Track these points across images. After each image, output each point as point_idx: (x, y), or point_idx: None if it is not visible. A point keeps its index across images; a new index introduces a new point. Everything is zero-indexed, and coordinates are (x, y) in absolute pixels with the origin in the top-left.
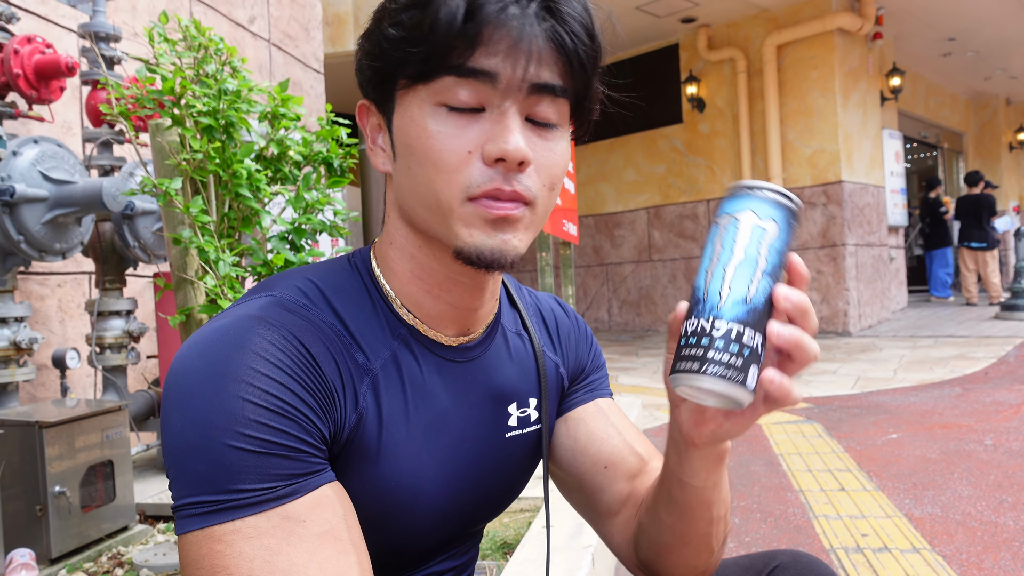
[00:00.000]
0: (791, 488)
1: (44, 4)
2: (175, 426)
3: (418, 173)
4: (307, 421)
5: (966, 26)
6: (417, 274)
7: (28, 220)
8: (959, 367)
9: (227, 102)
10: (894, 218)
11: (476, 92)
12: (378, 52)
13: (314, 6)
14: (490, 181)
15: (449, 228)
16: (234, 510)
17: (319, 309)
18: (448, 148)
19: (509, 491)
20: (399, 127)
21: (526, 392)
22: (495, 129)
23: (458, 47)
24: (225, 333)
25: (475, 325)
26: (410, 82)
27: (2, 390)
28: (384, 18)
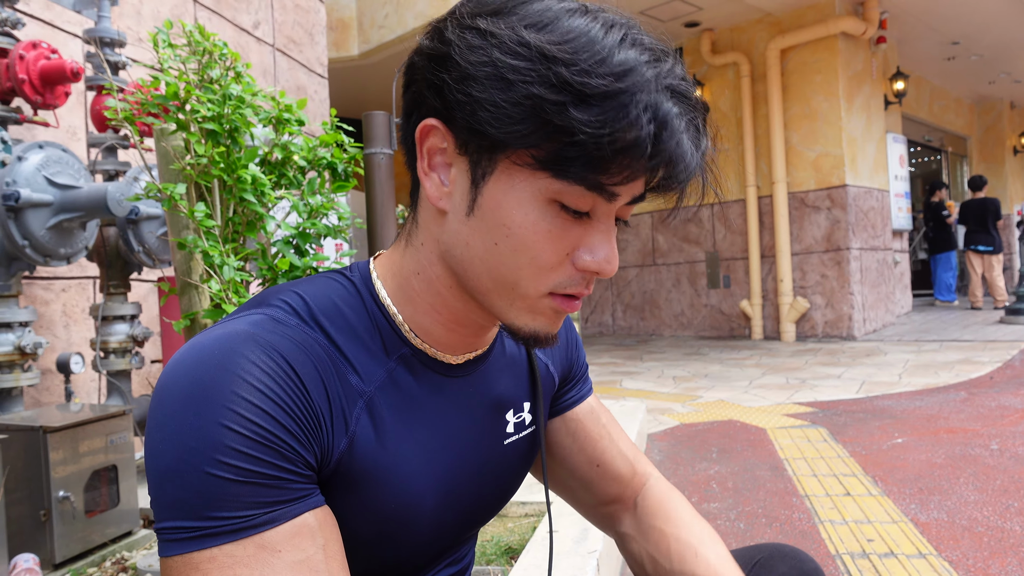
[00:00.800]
0: (796, 493)
1: (49, 10)
2: (156, 448)
3: (506, 255)
4: (288, 449)
5: (970, 30)
6: (437, 309)
7: (33, 225)
8: (964, 371)
9: (231, 107)
10: (898, 222)
11: (593, 201)
12: (516, 117)
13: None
14: (575, 285)
15: (513, 309)
16: (211, 537)
17: (312, 329)
18: (550, 248)
19: (506, 494)
20: (496, 198)
21: (521, 397)
22: (595, 239)
23: (614, 171)
24: (211, 353)
25: (482, 344)
26: (536, 165)
27: (7, 395)
28: (537, 83)
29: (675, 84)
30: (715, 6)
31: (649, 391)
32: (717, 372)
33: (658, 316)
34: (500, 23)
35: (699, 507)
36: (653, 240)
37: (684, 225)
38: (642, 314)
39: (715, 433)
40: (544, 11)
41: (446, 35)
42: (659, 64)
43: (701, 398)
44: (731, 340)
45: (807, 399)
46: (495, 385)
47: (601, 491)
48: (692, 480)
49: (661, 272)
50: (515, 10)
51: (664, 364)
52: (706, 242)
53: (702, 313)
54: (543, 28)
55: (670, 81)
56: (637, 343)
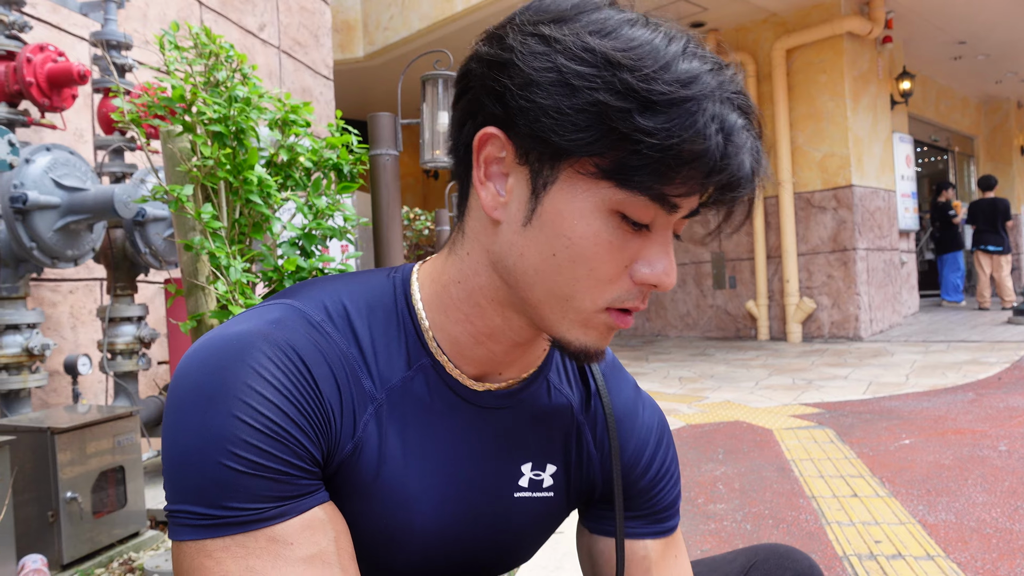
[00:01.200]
0: (803, 494)
1: (56, 13)
2: (171, 434)
3: (564, 267)
4: (298, 444)
5: (977, 29)
6: (472, 319)
7: (40, 227)
8: (972, 372)
9: (238, 109)
10: (905, 222)
11: (655, 213)
12: (581, 124)
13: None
14: (632, 299)
15: (565, 321)
16: (224, 527)
17: (336, 328)
18: (610, 260)
19: (511, 553)
20: (557, 208)
21: (545, 456)
22: (654, 251)
23: (679, 182)
24: (227, 344)
25: (508, 370)
26: (600, 175)
27: (15, 396)
28: (602, 90)
29: (737, 96)
30: (720, 6)
31: (655, 392)
32: (723, 373)
33: (664, 317)
34: (564, 29)
35: (705, 508)
36: None
37: (689, 226)
38: (648, 314)
39: (721, 434)
40: (606, 20)
41: (507, 41)
42: (721, 73)
43: (707, 399)
44: (737, 341)
45: (814, 400)
46: (519, 429)
47: None
48: (698, 481)
49: None
50: (577, 18)
51: (670, 365)
52: (711, 242)
53: (708, 314)
54: (606, 35)
55: (732, 92)
56: (643, 344)
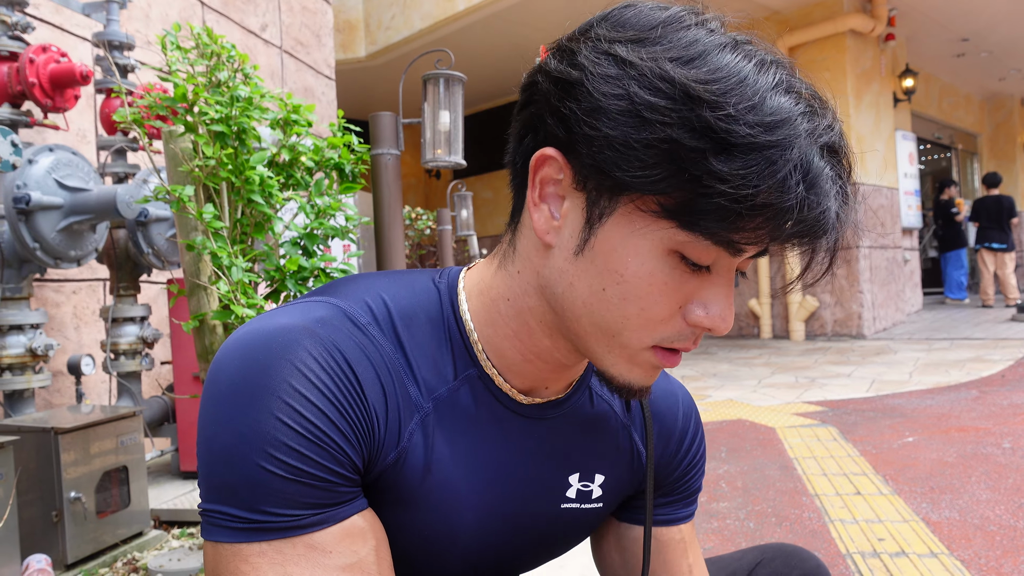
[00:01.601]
0: (806, 492)
1: (59, 14)
2: (208, 428)
3: (614, 304)
4: (339, 451)
5: (980, 26)
6: (521, 338)
7: (43, 227)
8: (975, 370)
9: (239, 109)
10: (908, 220)
11: (716, 255)
12: (648, 161)
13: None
14: (682, 340)
15: (610, 357)
16: (261, 532)
17: (382, 332)
18: (663, 301)
19: (546, 556)
20: (611, 241)
21: (594, 467)
22: (711, 293)
23: (749, 229)
24: (271, 338)
25: (554, 384)
26: (662, 213)
27: (18, 396)
28: (676, 126)
29: (831, 141)
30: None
31: None
32: (726, 371)
33: None
34: (642, 52)
35: (708, 506)
36: None
37: None
38: None
39: (724, 432)
40: (692, 43)
41: (578, 59)
42: (815, 117)
43: (710, 397)
44: (740, 339)
45: (817, 398)
46: (564, 441)
47: None
48: None
49: None
50: (660, 39)
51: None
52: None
53: None
54: (689, 63)
55: (827, 139)
56: None
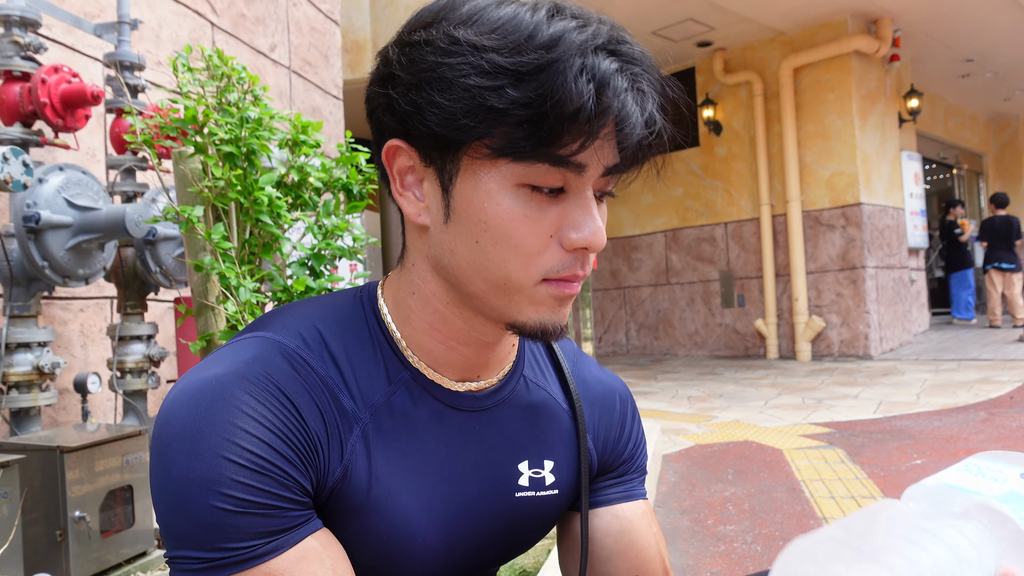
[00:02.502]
0: (814, 515)
1: (71, 34)
2: (159, 481)
3: (490, 251)
4: (286, 476)
5: (984, 47)
6: (436, 327)
7: (52, 246)
8: (984, 391)
9: (249, 130)
10: (914, 240)
11: (563, 176)
12: (460, 111)
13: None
14: (568, 267)
15: (513, 305)
16: (220, 568)
17: (313, 354)
18: (531, 232)
19: (514, 549)
20: (466, 196)
21: (540, 453)
22: (576, 214)
23: (568, 141)
24: (207, 387)
25: (486, 372)
26: (492, 154)
27: (25, 414)
28: (472, 74)
29: (609, 43)
30: (727, 25)
31: (663, 411)
32: (732, 392)
33: (672, 335)
34: (432, 30)
35: (715, 529)
36: (667, 259)
37: (698, 244)
38: (656, 333)
39: (731, 454)
40: (472, 10)
41: (388, 56)
42: (587, 28)
43: (716, 418)
44: (746, 359)
45: (824, 419)
46: (505, 430)
47: None
48: (708, 502)
49: (675, 291)
50: (446, 17)
51: (678, 384)
52: (720, 261)
53: (716, 332)
54: (471, 23)
55: (603, 40)
56: (651, 363)
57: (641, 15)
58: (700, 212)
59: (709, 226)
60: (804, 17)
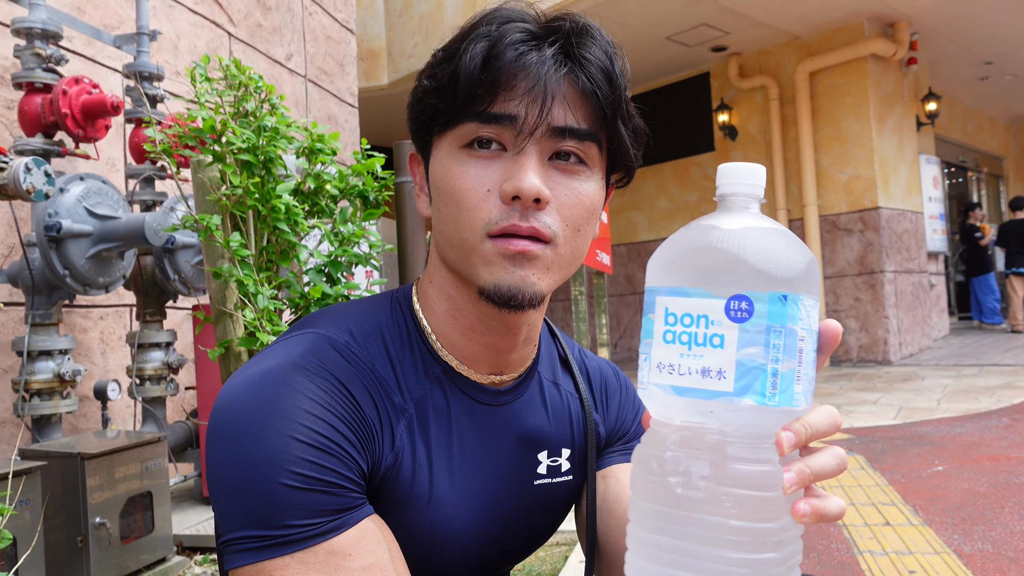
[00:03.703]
0: (834, 523)
1: (91, 46)
2: (222, 461)
3: (444, 213)
4: (348, 457)
5: (1003, 49)
6: (453, 314)
7: (73, 255)
8: (1006, 397)
9: (266, 138)
10: (933, 244)
11: (498, 135)
12: (416, 104)
13: (349, 42)
14: (507, 218)
15: (472, 266)
16: (282, 546)
17: (362, 350)
18: (468, 187)
19: (536, 538)
20: (432, 170)
21: (558, 442)
22: (512, 168)
23: (479, 95)
24: (268, 376)
25: (508, 368)
26: (441, 129)
27: (46, 421)
28: (424, 72)
29: (515, 14)
30: (742, 30)
31: None
32: None
33: None
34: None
35: None
36: None
37: None
38: None
39: None
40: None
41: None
42: (496, 12)
43: None
44: None
45: (843, 425)
46: (526, 422)
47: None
48: None
49: None
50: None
51: None
52: None
53: None
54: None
55: (509, 14)
56: None
57: (655, 20)
58: None
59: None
60: (820, 21)
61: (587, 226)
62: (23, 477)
